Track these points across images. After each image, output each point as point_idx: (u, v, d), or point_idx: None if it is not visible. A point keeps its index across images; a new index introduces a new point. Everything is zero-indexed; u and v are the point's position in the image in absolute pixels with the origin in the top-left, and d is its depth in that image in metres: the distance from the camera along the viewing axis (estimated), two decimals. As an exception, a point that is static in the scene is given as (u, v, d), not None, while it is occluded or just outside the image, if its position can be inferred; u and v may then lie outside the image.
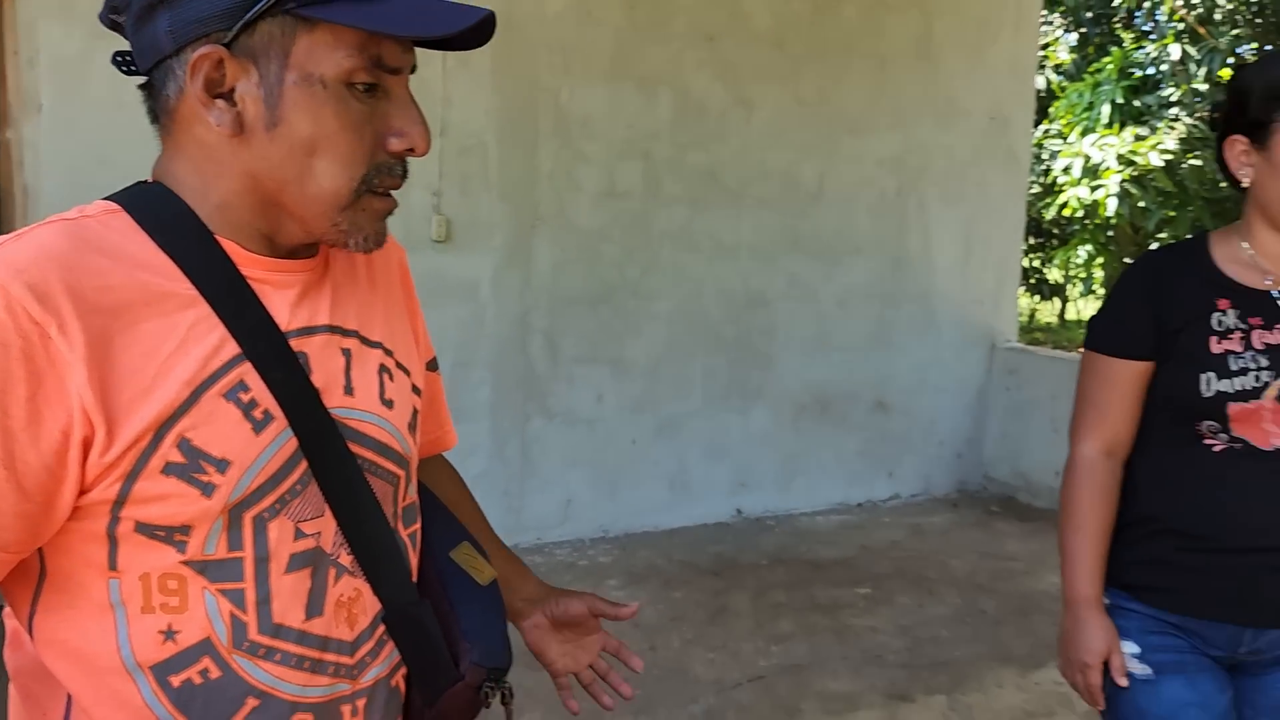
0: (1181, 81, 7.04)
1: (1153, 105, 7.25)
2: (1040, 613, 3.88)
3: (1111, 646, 1.60)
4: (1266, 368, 1.51)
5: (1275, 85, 1.52)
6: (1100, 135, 7.00)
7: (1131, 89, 7.33)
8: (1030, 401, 5.34)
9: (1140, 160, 6.60)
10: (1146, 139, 6.67)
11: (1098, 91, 7.45)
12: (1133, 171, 6.65)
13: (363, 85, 0.88)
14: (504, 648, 1.08)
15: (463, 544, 1.14)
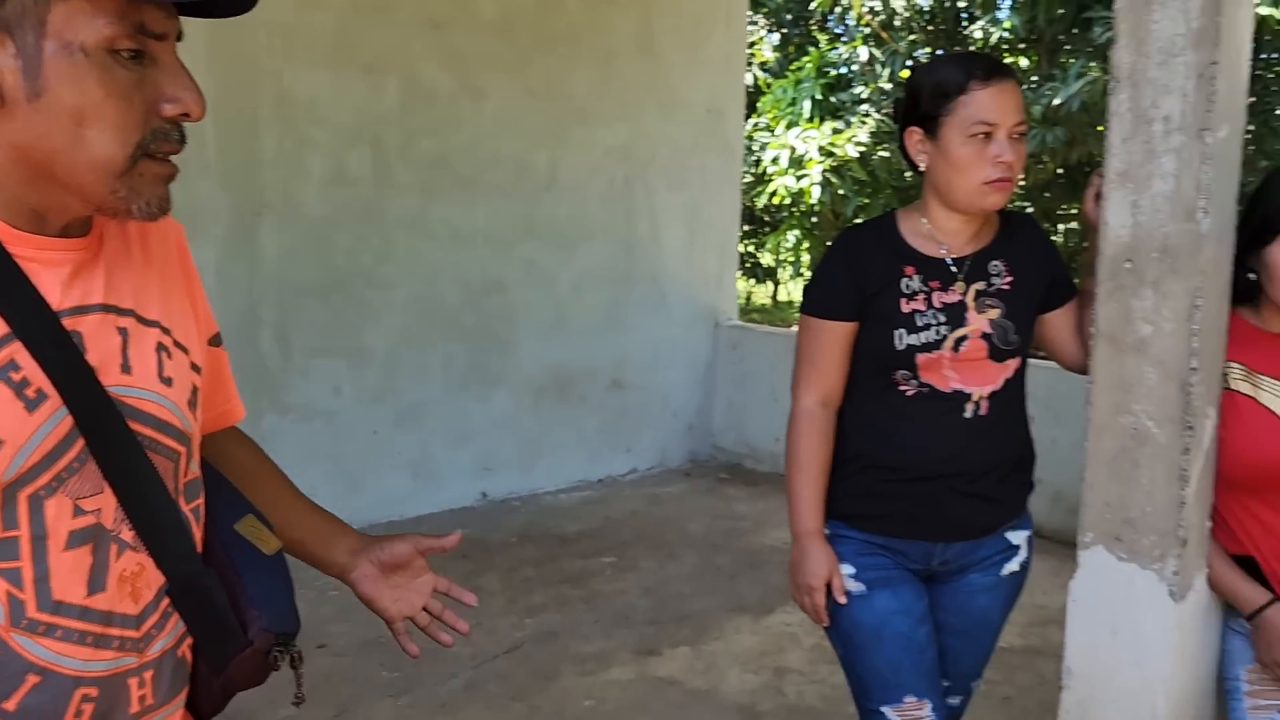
0: (870, 81, 7.78)
1: (847, 102, 7.97)
2: (769, 564, 4.23)
3: (832, 570, 1.83)
4: (945, 323, 1.78)
5: (941, 85, 1.79)
6: (803, 129, 7.61)
7: (829, 86, 8.02)
8: (752, 374, 5.76)
9: (839, 152, 7.25)
10: (843, 132, 7.33)
11: (799, 88, 8.10)
12: (832, 162, 7.28)
13: (127, 52, 0.88)
14: (292, 613, 1.12)
15: (247, 516, 1.16)
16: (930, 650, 1.83)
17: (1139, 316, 1.69)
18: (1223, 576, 1.75)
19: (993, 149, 1.74)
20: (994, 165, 1.74)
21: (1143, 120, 1.66)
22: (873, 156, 7.33)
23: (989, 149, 1.74)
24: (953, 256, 1.82)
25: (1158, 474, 1.69)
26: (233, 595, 1.07)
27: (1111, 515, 1.75)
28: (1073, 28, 7.55)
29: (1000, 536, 1.89)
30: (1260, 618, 1.70)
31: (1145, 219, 1.67)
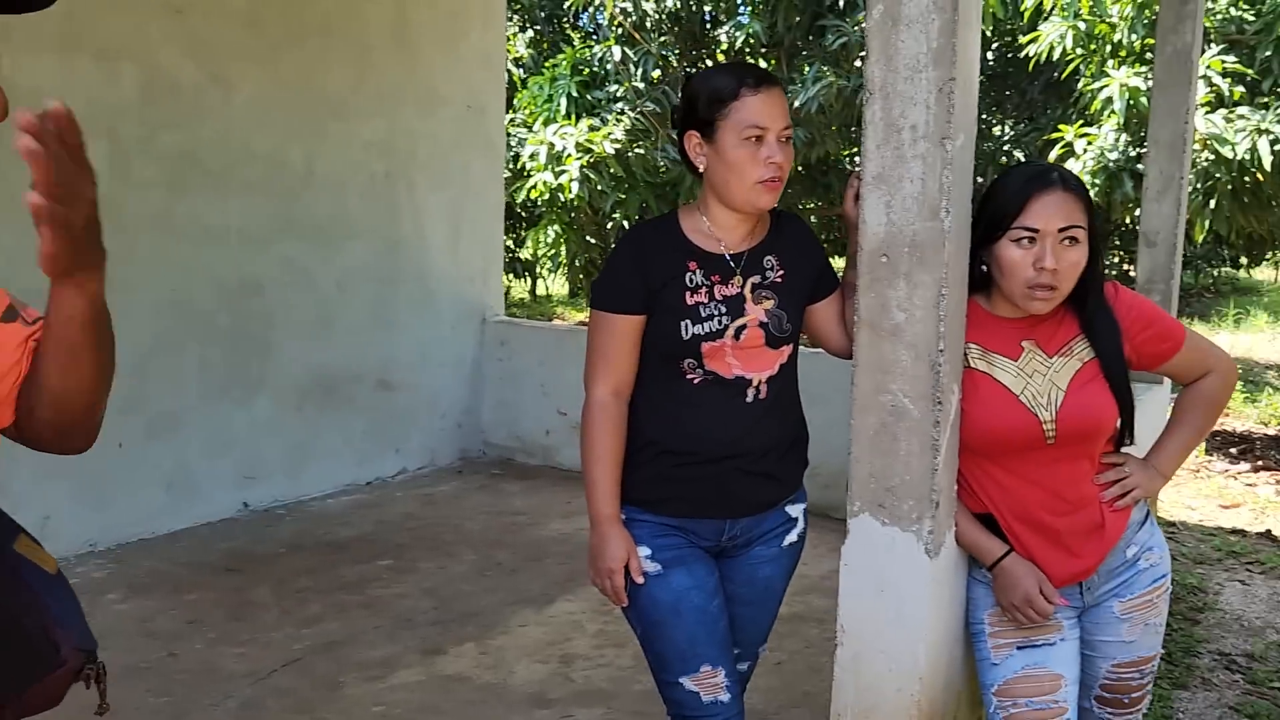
0: (625, 79, 8.00)
1: (603, 99, 8.16)
2: (548, 556, 4.30)
3: (630, 553, 1.92)
4: (726, 314, 1.91)
5: (716, 92, 1.91)
6: (560, 125, 7.72)
7: (584, 84, 8.18)
8: (520, 370, 5.81)
9: (596, 149, 7.41)
10: (600, 130, 7.50)
11: (555, 85, 8.21)
12: (590, 158, 7.44)
13: None
14: (89, 630, 1.09)
15: (20, 535, 1.11)
16: (723, 621, 1.96)
17: (894, 305, 1.89)
18: (967, 533, 1.98)
19: (764, 151, 1.87)
20: (765, 166, 1.87)
21: (893, 129, 1.85)
22: (629, 154, 7.54)
23: (761, 151, 1.87)
24: (731, 252, 1.95)
25: (914, 446, 1.89)
26: (34, 614, 1.03)
27: (875, 485, 1.94)
28: (809, 34, 8.08)
29: (781, 511, 2.04)
30: (1000, 567, 1.93)
31: (897, 218, 1.86)
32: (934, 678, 1.98)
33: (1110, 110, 6.04)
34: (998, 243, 1.87)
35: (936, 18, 1.78)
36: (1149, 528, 2.03)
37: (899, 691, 1.95)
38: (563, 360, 5.67)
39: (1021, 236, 1.83)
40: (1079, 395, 1.89)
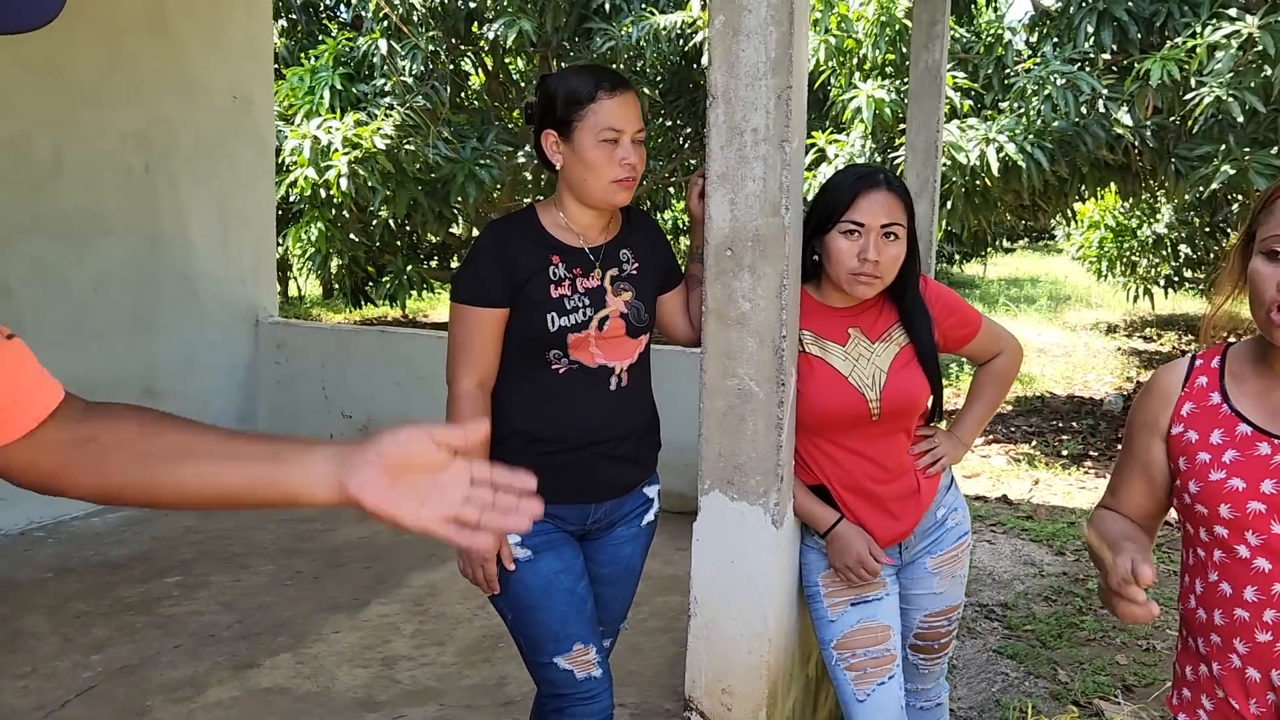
0: (392, 73, 7.83)
1: (369, 93, 7.95)
2: (351, 561, 4.20)
3: (501, 541, 1.95)
4: (589, 305, 1.99)
5: (573, 94, 1.98)
6: (325, 119, 7.44)
7: (348, 77, 7.93)
8: (299, 373, 5.60)
9: (365, 144, 7.21)
10: (369, 125, 7.29)
11: (317, 77, 7.90)
12: (359, 154, 7.22)
13: None
14: None
15: None
16: (590, 601, 2.03)
17: (740, 295, 2.03)
18: (803, 503, 2.16)
19: (619, 152, 1.95)
20: (621, 166, 1.95)
21: (736, 132, 2.00)
22: (399, 150, 7.39)
23: (616, 152, 1.95)
24: (590, 246, 2.03)
25: (760, 425, 2.04)
26: None
27: (724, 463, 2.08)
28: (575, 36, 8.23)
29: (639, 492, 2.14)
30: (833, 533, 2.12)
31: (741, 214, 2.01)
32: (779, 638, 2.15)
33: (859, 119, 6.57)
34: (828, 234, 2.05)
35: (774, 30, 1.94)
36: (954, 491, 2.29)
37: (749, 653, 2.11)
38: (346, 362, 5.52)
39: (849, 229, 2.03)
40: (899, 376, 2.11)
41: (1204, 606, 1.46)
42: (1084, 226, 12.41)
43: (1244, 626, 1.39)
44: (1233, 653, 1.41)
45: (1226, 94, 5.08)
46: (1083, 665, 3.56)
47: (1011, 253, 24.87)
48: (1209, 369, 1.50)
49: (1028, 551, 4.78)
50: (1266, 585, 1.37)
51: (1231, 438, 1.42)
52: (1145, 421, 1.54)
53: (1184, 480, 1.46)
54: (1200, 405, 1.48)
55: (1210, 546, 1.44)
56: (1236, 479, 1.39)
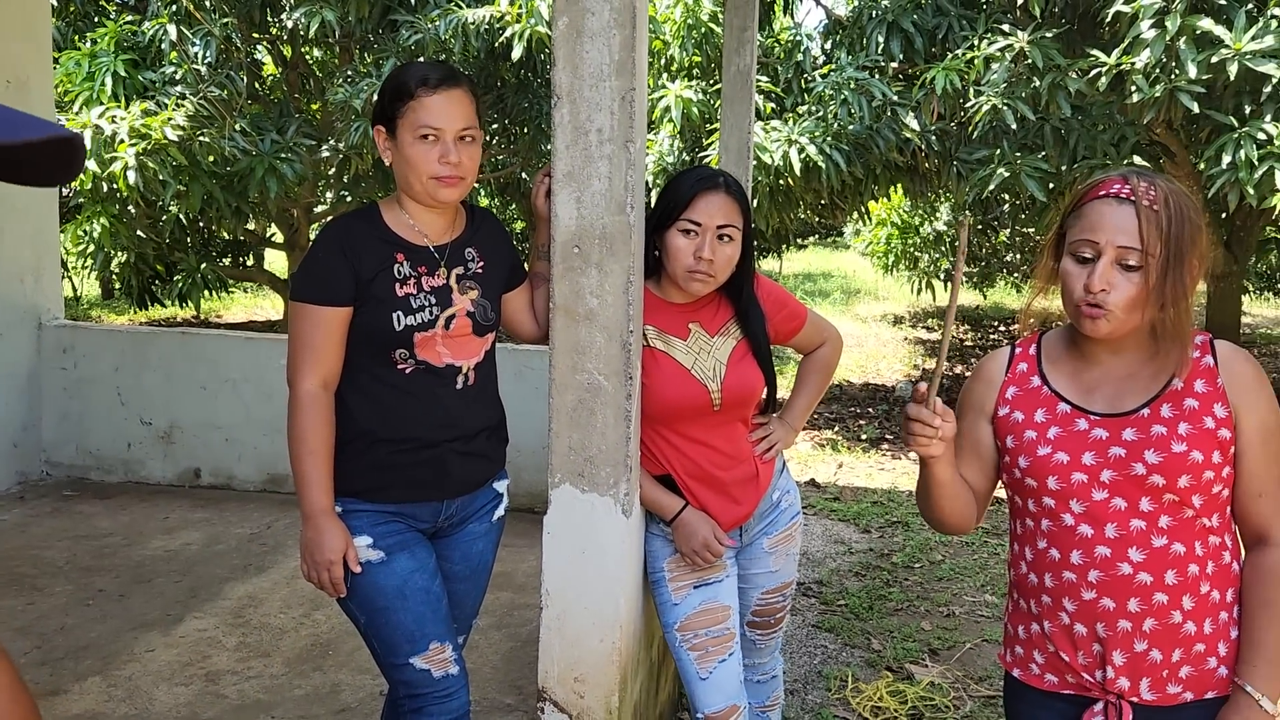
0: (184, 61, 7.39)
1: (157, 81, 7.47)
2: (159, 576, 3.97)
3: (348, 544, 1.92)
4: (435, 304, 1.98)
5: (396, 90, 1.96)
6: (108, 107, 6.95)
7: (132, 63, 7.42)
8: (90, 379, 5.22)
9: (154, 135, 6.78)
10: (158, 114, 6.86)
11: (97, 63, 7.36)
12: (147, 145, 6.79)
13: None
14: None
15: None
16: (444, 599, 2.03)
17: (587, 292, 2.08)
18: (649, 493, 2.23)
19: (438, 150, 1.94)
20: (440, 164, 1.94)
21: (581, 132, 2.04)
22: (193, 141, 6.99)
23: (435, 150, 1.94)
24: (435, 244, 2.02)
25: (609, 418, 2.10)
26: None
27: (575, 456, 2.13)
28: (379, 28, 8.03)
29: (490, 488, 2.15)
30: (679, 519, 2.20)
31: (588, 212, 2.06)
32: (629, 625, 2.22)
33: (668, 118, 6.74)
34: (668, 231, 2.13)
35: (618, 32, 2.00)
36: (786, 474, 2.43)
37: (602, 641, 2.16)
38: (142, 365, 5.19)
39: (687, 228, 2.11)
40: (737, 369, 2.21)
41: (1034, 571, 1.61)
42: (872, 224, 13.19)
43: (1071, 587, 1.55)
44: (1062, 611, 1.57)
45: (1001, 103, 5.54)
46: (893, 634, 3.82)
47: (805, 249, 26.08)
48: (1028, 355, 1.67)
49: (837, 531, 5.06)
50: (1089, 548, 1.53)
51: (1053, 416, 1.59)
52: (973, 405, 1.69)
53: (1012, 457, 1.61)
54: (1023, 388, 1.64)
55: (1039, 516, 1.60)
56: (1061, 453, 1.55)
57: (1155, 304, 1.48)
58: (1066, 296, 1.54)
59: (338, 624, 3.55)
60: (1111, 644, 1.53)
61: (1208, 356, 1.54)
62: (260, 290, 14.44)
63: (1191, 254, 1.49)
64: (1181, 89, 4.97)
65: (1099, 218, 1.49)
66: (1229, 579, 1.55)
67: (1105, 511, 1.52)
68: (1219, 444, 1.50)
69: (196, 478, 5.19)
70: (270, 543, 4.37)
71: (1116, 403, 1.56)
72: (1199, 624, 1.52)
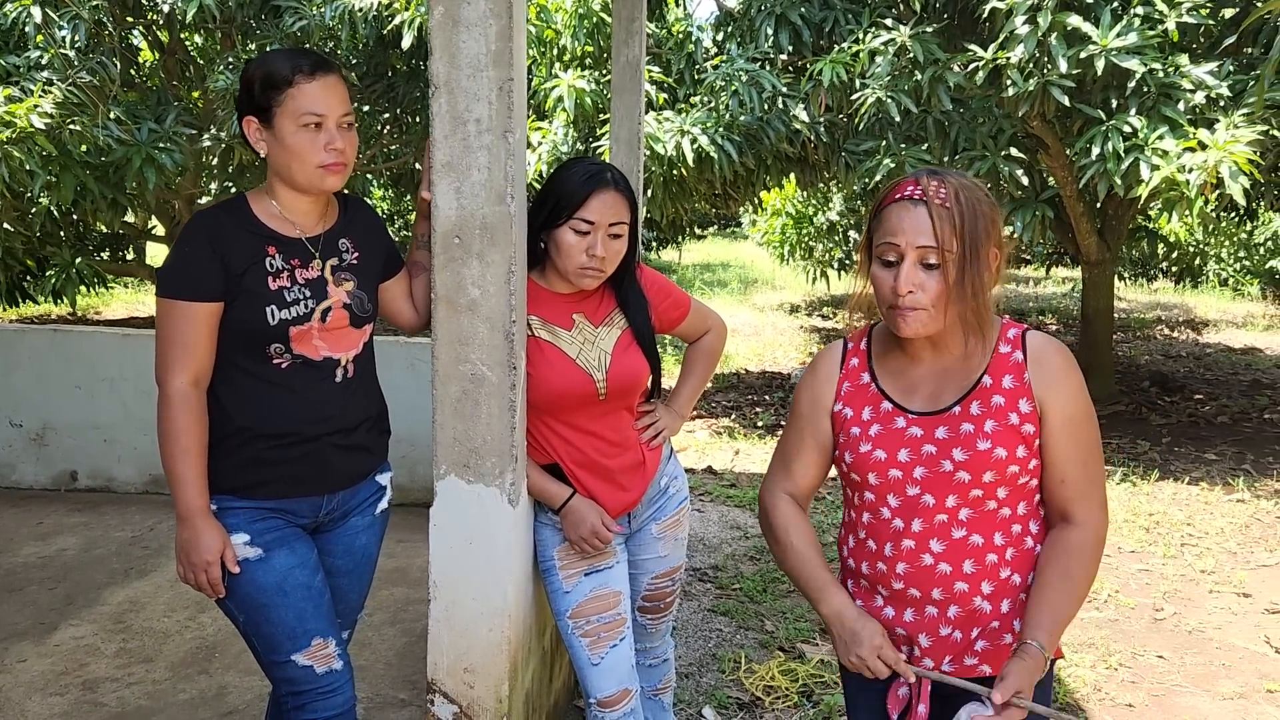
0: (50, 45, 7.06)
1: (21, 67, 7.11)
2: (31, 584, 3.81)
3: (225, 543, 1.88)
4: (310, 297, 1.94)
5: (270, 78, 1.92)
6: (-31, 93, 6.60)
7: (-5, 47, 7.06)
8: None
9: (20, 123, 6.46)
10: (24, 101, 6.55)
11: (-45, 46, 7.00)
12: (12, 134, 6.47)
13: None
14: None
15: None
16: (327, 594, 2.00)
17: (469, 282, 2.07)
18: (536, 482, 2.23)
19: (323, 137, 1.91)
20: (327, 151, 1.92)
21: (459, 121, 2.02)
22: (62, 130, 6.69)
23: (320, 137, 1.91)
24: (308, 236, 1.98)
25: (494, 409, 2.09)
26: None
27: (460, 447, 2.12)
28: (262, 13, 7.80)
29: (372, 480, 2.12)
30: (567, 507, 2.21)
31: (468, 202, 2.04)
32: (518, 614, 2.22)
33: (561, 108, 6.72)
34: (559, 228, 2.13)
35: (494, 22, 1.99)
36: (674, 461, 2.46)
37: (490, 631, 2.16)
38: (12, 365, 4.97)
39: (580, 228, 2.11)
40: (622, 358, 2.23)
41: (854, 558, 1.72)
42: (768, 214, 13.39)
43: (883, 577, 1.66)
44: (877, 594, 1.68)
45: (886, 95, 5.68)
46: (785, 615, 3.90)
47: (703, 239, 26.33)
48: (859, 350, 1.74)
49: (733, 517, 5.14)
50: (898, 541, 1.63)
51: (877, 413, 1.67)
52: (813, 399, 1.76)
53: (841, 451, 1.70)
54: (854, 384, 1.72)
55: (861, 509, 1.69)
56: (880, 450, 1.63)
57: (958, 298, 1.54)
58: (879, 300, 1.60)
59: (224, 626, 3.46)
60: (918, 628, 1.63)
61: (1017, 351, 1.61)
62: (142, 285, 13.91)
63: (986, 245, 1.55)
64: (1053, 83, 5.18)
65: (897, 221, 1.55)
66: (1029, 563, 1.63)
67: (915, 507, 1.61)
68: (1023, 439, 1.57)
69: (73, 480, 4.99)
70: (153, 545, 4.24)
71: (934, 400, 1.63)
72: (996, 605, 1.62)
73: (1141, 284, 16.56)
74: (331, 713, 1.96)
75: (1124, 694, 3.31)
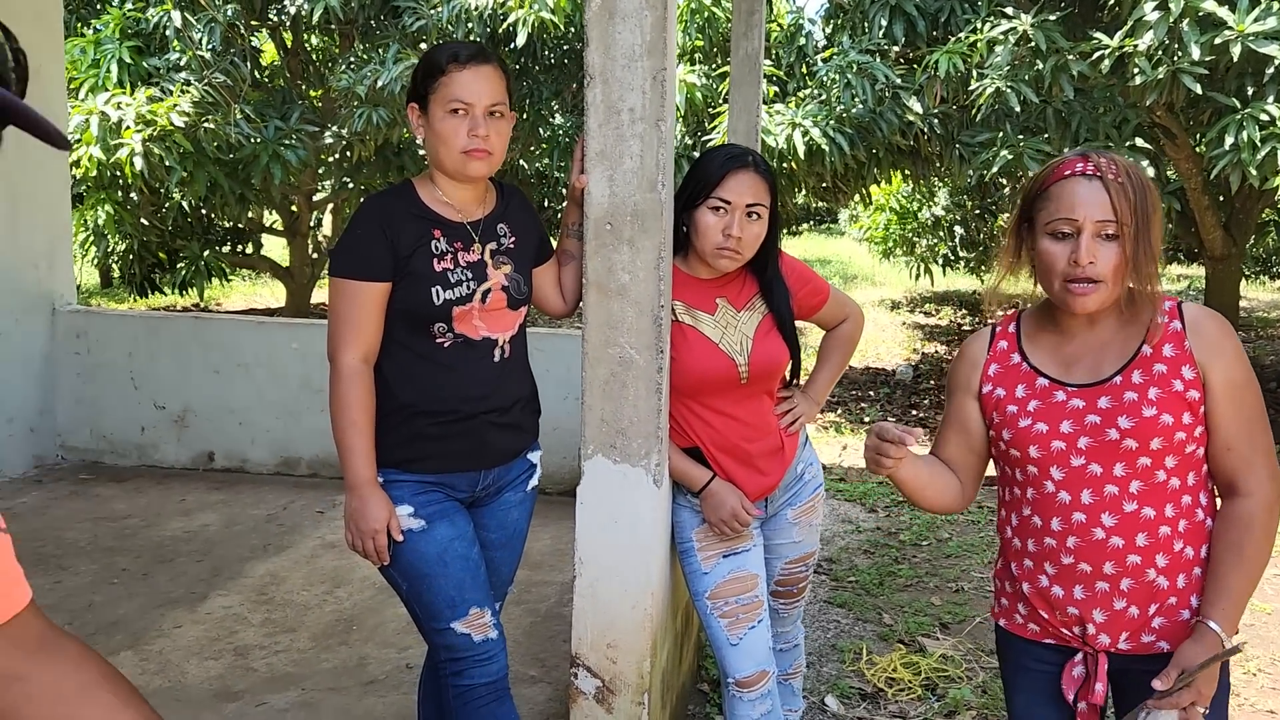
0: (188, 47, 7.41)
1: (162, 68, 7.48)
2: (180, 556, 4.03)
3: (390, 513, 1.98)
4: (472, 279, 2.03)
5: (428, 67, 2.01)
6: (113, 94, 6.97)
7: (137, 50, 7.44)
8: (104, 363, 5.26)
9: (160, 121, 6.80)
10: (164, 101, 6.89)
11: (102, 49, 7.38)
12: (154, 132, 6.81)
13: None
14: None
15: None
16: (483, 566, 2.08)
17: (619, 267, 2.13)
18: (677, 464, 2.28)
19: (468, 123, 1.99)
20: (470, 137, 1.99)
21: (613, 111, 2.09)
22: (198, 128, 7.02)
23: (464, 124, 1.99)
24: (469, 220, 2.07)
25: (640, 391, 2.15)
26: None
27: (607, 428, 2.18)
28: (381, 14, 8.04)
29: (524, 458, 2.20)
30: (708, 490, 2.26)
31: (620, 190, 2.11)
32: (660, 592, 2.28)
33: (672, 103, 6.76)
34: (697, 210, 2.18)
35: (649, 13, 2.04)
36: (809, 447, 2.48)
37: (634, 608, 2.22)
38: (156, 350, 5.24)
39: (717, 206, 2.16)
40: (764, 343, 2.27)
41: (1018, 536, 1.72)
42: (870, 209, 13.23)
43: (1051, 552, 1.66)
44: (1042, 574, 1.68)
45: (1005, 85, 5.59)
46: (903, 608, 3.89)
47: (798, 235, 26.11)
48: (1007, 334, 1.76)
49: (844, 510, 5.13)
50: (1067, 514, 1.63)
51: (1032, 390, 1.68)
52: (959, 384, 1.79)
53: (997, 430, 1.71)
54: (1004, 365, 1.74)
55: (1024, 485, 1.70)
56: (1040, 423, 1.65)
57: (1134, 271, 1.57)
58: (1047, 274, 1.62)
59: (360, 600, 3.61)
60: (1090, 604, 1.63)
61: (1175, 321, 1.62)
62: (258, 278, 14.44)
63: (1154, 221, 1.58)
64: (1184, 71, 5.02)
65: (1072, 196, 1.57)
66: (1202, 535, 1.63)
67: (1083, 477, 1.61)
68: (1188, 405, 1.58)
69: (210, 461, 5.24)
70: (288, 524, 4.43)
71: (1094, 372, 1.64)
72: (1172, 580, 1.61)
73: (1263, 281, 15.86)
74: (487, 679, 2.04)
75: (1265, 700, 3.22)
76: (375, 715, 2.87)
